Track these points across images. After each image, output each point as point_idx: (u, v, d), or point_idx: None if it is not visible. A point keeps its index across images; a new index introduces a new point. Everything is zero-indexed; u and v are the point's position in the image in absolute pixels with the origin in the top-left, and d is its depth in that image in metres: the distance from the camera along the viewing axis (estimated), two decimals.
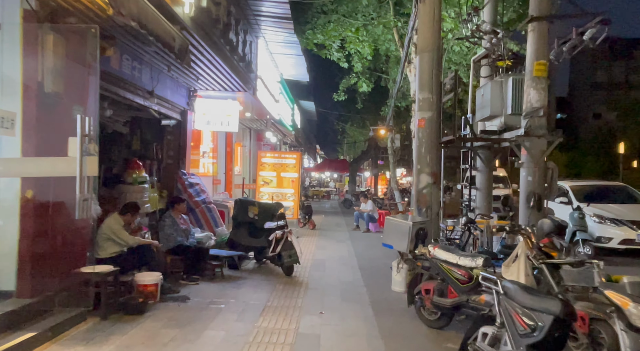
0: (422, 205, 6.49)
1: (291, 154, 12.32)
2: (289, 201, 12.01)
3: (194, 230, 7.62)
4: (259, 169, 12.03)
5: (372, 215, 14.11)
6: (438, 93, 6.50)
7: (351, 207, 25.26)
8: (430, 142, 6.46)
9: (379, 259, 9.26)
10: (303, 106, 21.14)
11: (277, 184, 12.02)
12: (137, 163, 7.43)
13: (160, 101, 7.37)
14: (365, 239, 12.38)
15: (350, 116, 31.21)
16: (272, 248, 7.29)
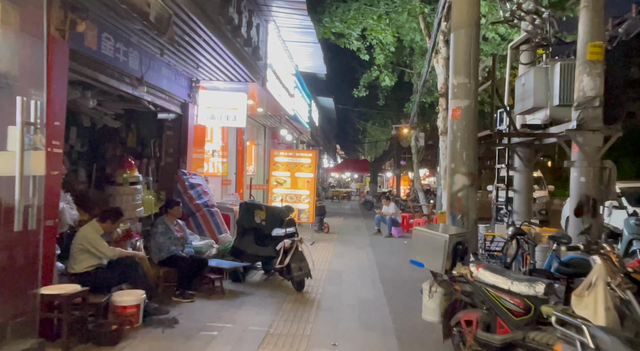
0: (456, 211, 5.42)
1: (306, 152, 11.35)
2: (303, 204, 11.05)
3: (193, 238, 6.72)
4: (272, 169, 11.10)
5: (394, 219, 13.04)
6: (476, 77, 5.43)
7: (372, 209, 24.16)
8: (466, 136, 5.39)
9: (403, 270, 8.21)
10: (321, 102, 20.13)
11: (291, 185, 11.07)
12: (129, 161, 6.57)
13: (154, 91, 6.49)
14: (388, 245, 11.32)
15: (372, 114, 30.09)
16: (280, 259, 6.32)
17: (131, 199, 6.37)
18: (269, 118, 12.71)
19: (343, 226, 15.74)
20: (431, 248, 4.02)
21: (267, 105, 10.55)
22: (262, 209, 6.99)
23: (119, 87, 5.61)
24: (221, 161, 11.45)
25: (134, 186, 6.45)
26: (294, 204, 11.05)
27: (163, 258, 5.88)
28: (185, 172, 7.50)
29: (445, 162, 13.41)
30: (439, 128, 13.05)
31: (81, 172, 6.91)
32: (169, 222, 6.11)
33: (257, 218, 6.98)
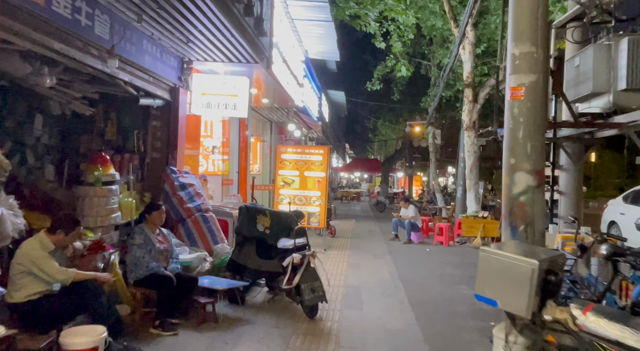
0: (518, 220, 4.14)
1: (317, 148, 10.12)
2: (314, 206, 9.81)
3: (181, 250, 5.50)
4: (278, 167, 9.88)
5: (414, 223, 11.75)
6: (545, 45, 4.15)
7: (384, 210, 22.88)
8: (532, 121, 4.11)
9: (432, 286, 6.94)
10: (332, 97, 18.86)
11: (300, 185, 9.84)
12: (102, 156, 5.37)
13: (133, 69, 5.28)
14: (409, 253, 10.04)
15: (382, 111, 28.76)
16: (287, 278, 5.08)
17: (104, 202, 5.17)
18: (275, 112, 11.49)
19: (355, 230, 14.47)
20: (508, 279, 2.75)
21: (274, 95, 9.33)
22: (265, 214, 5.75)
23: (83, 61, 4.40)
24: (222, 159, 10.25)
25: (108, 186, 5.24)
26: (302, 207, 9.82)
27: (140, 276, 4.67)
28: (174, 170, 6.29)
29: (469, 160, 12.12)
30: (464, 122, 11.77)
31: (48, 169, 5.72)
32: (150, 231, 4.89)
33: (260, 225, 5.75)
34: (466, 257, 9.76)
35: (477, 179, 11.98)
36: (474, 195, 11.91)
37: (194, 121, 7.54)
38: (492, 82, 11.27)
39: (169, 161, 6.41)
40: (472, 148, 11.77)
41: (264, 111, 11.30)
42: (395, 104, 25.03)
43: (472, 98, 11.49)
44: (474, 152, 11.81)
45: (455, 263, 8.95)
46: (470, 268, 8.55)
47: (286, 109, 10.52)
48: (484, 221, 11.53)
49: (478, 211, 11.85)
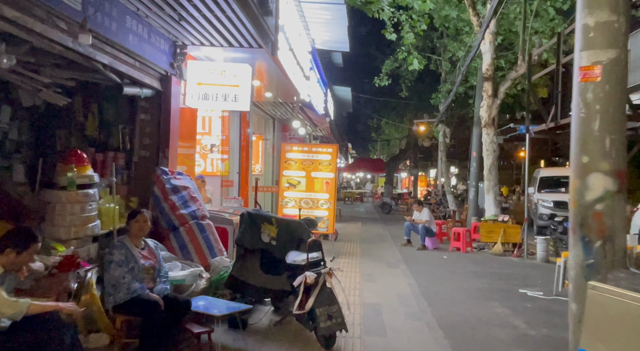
0: (593, 235, 3.28)
1: (325, 147, 9.26)
2: (322, 210, 8.96)
3: (172, 265, 4.65)
4: (282, 168, 9.03)
5: (429, 228, 10.89)
6: (627, 12, 3.30)
7: (390, 212, 22.05)
8: (612, 109, 3.26)
9: (462, 304, 6.08)
10: (337, 93, 17.99)
11: (307, 187, 8.99)
12: (78, 155, 4.51)
13: (114, 50, 4.43)
14: (425, 261, 9.18)
15: (386, 111, 27.88)
16: (299, 301, 4.22)
17: (79, 209, 4.31)
18: (279, 107, 10.64)
19: (363, 234, 13.61)
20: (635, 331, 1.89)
21: (278, 88, 8.48)
22: (271, 222, 4.90)
23: (48, 36, 3.55)
24: (221, 158, 9.40)
25: (84, 190, 4.39)
26: (309, 211, 8.97)
27: (120, 301, 3.81)
28: (166, 171, 5.44)
29: (488, 159, 11.27)
30: (482, 119, 10.91)
31: (18, 169, 4.87)
32: (132, 245, 4.03)
33: (265, 235, 4.90)
34: (489, 266, 8.91)
35: (496, 180, 11.14)
36: (493, 197, 11.06)
37: (189, 116, 6.69)
38: (515, 74, 10.42)
39: (160, 161, 5.55)
40: (491, 146, 10.92)
41: (266, 106, 10.45)
42: (402, 101, 24.17)
43: (492, 92, 10.64)
44: (493, 151, 10.96)
45: (479, 274, 8.10)
46: (496, 279, 7.70)
47: (291, 104, 9.67)
48: (504, 225, 10.69)
49: (497, 215, 11.01)
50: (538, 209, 14.95)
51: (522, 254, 10.20)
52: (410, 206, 22.38)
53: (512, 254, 10.16)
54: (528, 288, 6.98)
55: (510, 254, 10.22)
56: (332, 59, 15.57)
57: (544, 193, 15.07)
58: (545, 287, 7.05)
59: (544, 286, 7.18)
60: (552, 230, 11.87)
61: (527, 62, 7.76)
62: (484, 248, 11.11)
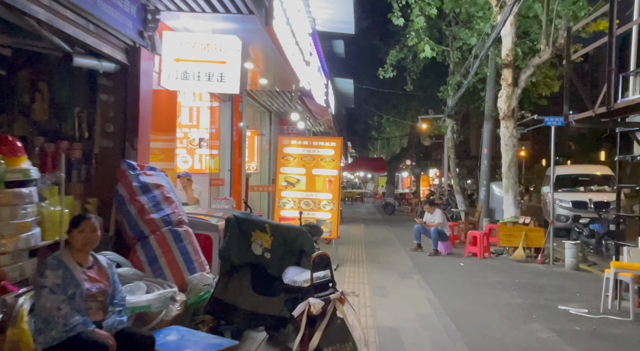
0: None
1: (328, 140, 8.18)
2: (324, 212, 7.90)
3: (132, 288, 3.57)
4: (280, 164, 7.96)
5: (442, 231, 9.85)
6: None
7: (394, 213, 21.01)
8: None
9: (496, 326, 5.02)
10: (338, 85, 16.86)
11: (307, 186, 7.92)
12: (9, 143, 3.43)
13: (57, 5, 3.35)
14: (441, 269, 8.13)
15: (388, 109, 26.79)
16: (300, 337, 3.15)
17: (8, 213, 3.25)
18: (275, 98, 9.58)
19: (368, 237, 12.56)
20: None
21: (274, 73, 7.43)
22: (265, 230, 3.84)
23: None
24: (211, 154, 8.36)
25: (16, 189, 3.32)
26: (310, 213, 7.92)
27: (53, 342, 2.75)
28: (133, 165, 4.35)
29: (508, 155, 10.20)
30: (501, 110, 9.87)
31: None
32: (73, 262, 2.97)
33: (257, 245, 3.84)
34: (514, 275, 7.86)
35: (516, 178, 10.09)
36: (513, 197, 10.01)
37: (166, 100, 5.62)
38: (537, 61, 9.37)
39: (127, 153, 4.49)
40: (511, 141, 9.87)
41: (262, 97, 9.39)
42: (405, 94, 23.10)
43: (512, 81, 9.59)
44: (513, 146, 9.90)
45: (506, 285, 7.04)
46: (528, 292, 6.65)
47: (289, 93, 8.61)
48: (526, 228, 9.64)
49: (518, 216, 9.96)
50: (555, 209, 13.93)
51: (546, 260, 9.17)
52: (415, 207, 21.48)
53: (536, 261, 9.12)
54: (568, 304, 5.92)
55: (534, 261, 9.18)
56: (334, 48, 14.52)
57: (561, 193, 14.06)
58: (588, 302, 6.01)
59: (585, 300, 6.13)
60: (577, 234, 10.85)
61: (566, 39, 6.73)
62: (502, 253, 10.07)
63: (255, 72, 7.16)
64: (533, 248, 9.56)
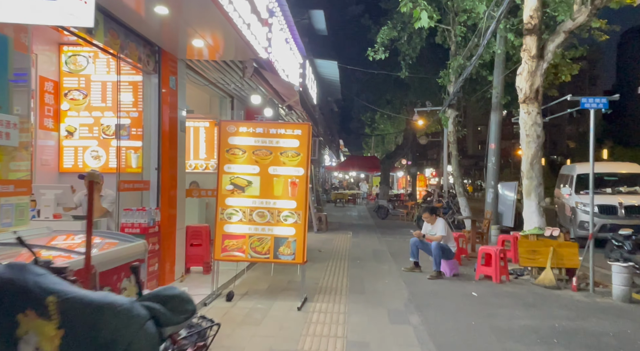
0: None
1: (290, 126, 5.89)
2: (285, 226, 5.64)
3: None
4: (222, 160, 5.70)
5: (446, 247, 7.64)
6: None
7: (387, 217, 18.82)
8: None
9: None
10: (321, 71, 14.56)
11: (262, 190, 5.67)
12: None
13: None
14: (448, 303, 5.90)
15: (381, 104, 24.58)
16: None
17: None
18: (229, 74, 7.33)
19: (354, 249, 10.35)
20: None
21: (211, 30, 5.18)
22: (45, 311, 1.57)
23: None
24: (133, 147, 6.17)
25: None
26: (266, 227, 5.68)
27: None
28: None
29: (530, 149, 7.98)
30: (521, 91, 7.67)
31: None
32: None
33: (30, 347, 1.57)
34: (549, 312, 5.65)
35: (540, 178, 7.89)
36: (537, 202, 7.80)
37: None
38: (571, 25, 7.18)
39: None
40: (534, 130, 7.67)
41: (211, 72, 7.14)
42: (400, 88, 20.94)
43: (537, 52, 7.38)
44: (537, 137, 7.70)
45: (545, 333, 4.83)
46: (582, 347, 4.44)
47: (240, 63, 6.38)
48: (554, 242, 7.44)
49: (543, 227, 7.75)
50: (577, 215, 11.75)
51: (584, 285, 7.00)
52: (411, 210, 19.29)
53: (570, 286, 6.94)
54: None
55: (567, 286, 7.01)
56: (313, 22, 12.30)
57: (584, 195, 11.88)
58: None
59: None
60: (614, 247, 8.65)
61: None
62: (522, 274, 7.87)
63: (176, 23, 4.92)
64: (563, 268, 7.39)
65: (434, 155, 53.55)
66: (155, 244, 5.43)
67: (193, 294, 5.75)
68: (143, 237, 5.12)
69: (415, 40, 13.85)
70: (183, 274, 6.53)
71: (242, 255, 5.67)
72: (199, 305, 5.33)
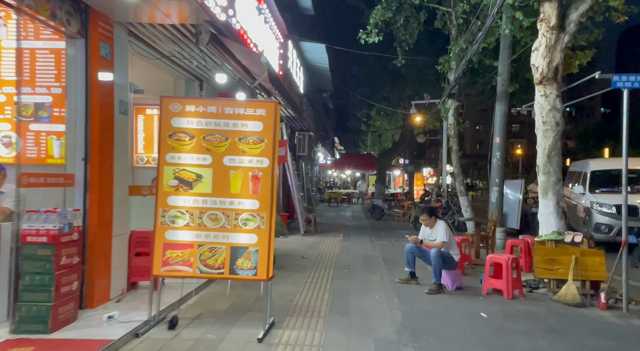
0: None
1: (253, 105, 4.60)
2: (245, 232, 4.38)
3: None
4: (164, 147, 4.45)
5: (447, 255, 6.42)
6: None
7: (382, 218, 17.60)
8: None
9: None
10: (309, 57, 13.21)
11: (215, 187, 4.42)
12: None
13: None
14: (452, 329, 4.64)
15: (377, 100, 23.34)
16: None
17: None
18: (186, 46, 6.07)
19: (342, 255, 9.11)
20: None
21: None
22: None
23: None
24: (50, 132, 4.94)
25: None
26: (220, 234, 4.44)
27: None
28: None
29: (547, 139, 6.74)
30: (537, 70, 6.45)
31: None
32: None
33: None
34: (580, 340, 4.43)
35: (559, 174, 6.67)
36: (555, 202, 6.58)
37: None
38: None
39: None
40: (552, 117, 6.45)
41: (162, 43, 5.87)
42: (397, 81, 19.76)
43: (556, 22, 6.16)
44: (556, 125, 6.48)
45: None
46: None
47: (191, 27, 5.12)
48: (577, 250, 6.22)
49: (563, 231, 6.52)
50: (592, 216, 10.55)
51: (613, 300, 5.80)
52: (408, 210, 18.06)
53: (598, 303, 5.73)
54: None
55: (592, 303, 5.81)
56: None
57: (599, 194, 10.69)
58: None
59: None
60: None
61: None
62: (537, 287, 6.66)
63: None
64: (588, 281, 6.17)
65: (432, 154, 52.45)
66: (73, 257, 4.18)
67: (127, 320, 4.50)
68: (52, 248, 3.88)
69: (412, 24, 12.61)
70: (123, 291, 5.27)
71: (188, 270, 4.42)
72: (129, 336, 4.07)
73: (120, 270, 5.20)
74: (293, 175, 12.53)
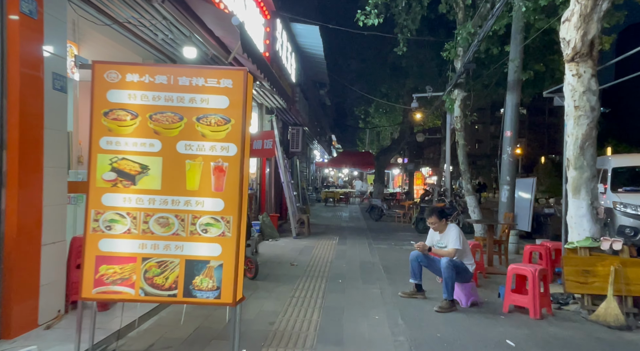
0: None
1: (214, 73, 3.54)
2: (205, 241, 3.29)
3: None
4: (98, 129, 3.39)
5: (460, 265, 5.37)
6: None
7: (381, 218, 16.55)
8: None
9: None
10: (301, 41, 12.05)
11: (166, 180, 3.37)
12: None
13: None
14: None
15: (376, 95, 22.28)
16: None
17: None
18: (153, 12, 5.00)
19: (337, 263, 8.04)
20: None
21: None
22: None
23: None
24: None
25: None
26: (172, 244, 3.35)
27: None
28: None
29: (579, 127, 5.63)
30: (569, 45, 5.40)
31: None
32: None
33: None
34: None
35: (594, 170, 5.62)
36: (587, 203, 5.53)
37: None
38: None
39: None
40: (587, 100, 5.40)
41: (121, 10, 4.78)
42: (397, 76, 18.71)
43: None
44: (591, 110, 5.43)
45: None
46: None
47: None
48: (616, 259, 5.18)
49: (599, 238, 5.46)
50: (614, 218, 9.52)
51: None
52: (408, 211, 16.99)
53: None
54: None
55: (639, 324, 4.77)
56: None
57: (622, 194, 9.66)
58: None
59: None
60: None
61: None
62: (567, 303, 5.62)
63: None
64: (630, 297, 5.12)
65: (430, 154, 51.46)
66: None
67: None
68: None
69: (415, 8, 11.56)
70: (59, 313, 4.19)
71: (129, 291, 3.34)
72: None
73: (54, 287, 4.13)
74: (285, 172, 11.46)
